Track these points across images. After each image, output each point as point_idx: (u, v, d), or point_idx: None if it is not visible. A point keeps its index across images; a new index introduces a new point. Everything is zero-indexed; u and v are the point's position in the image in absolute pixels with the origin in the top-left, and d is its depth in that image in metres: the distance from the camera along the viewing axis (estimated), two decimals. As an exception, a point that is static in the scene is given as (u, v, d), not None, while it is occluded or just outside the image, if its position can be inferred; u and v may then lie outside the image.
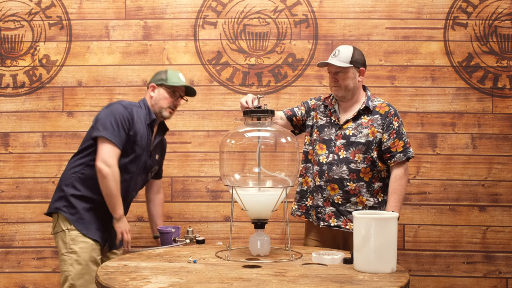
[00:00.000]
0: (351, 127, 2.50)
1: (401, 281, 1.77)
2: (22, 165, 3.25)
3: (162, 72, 2.63)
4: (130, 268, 1.95)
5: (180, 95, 2.63)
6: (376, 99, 2.57)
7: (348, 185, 2.46)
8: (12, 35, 3.26)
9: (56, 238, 2.48)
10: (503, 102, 3.23)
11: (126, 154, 2.45)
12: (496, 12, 3.22)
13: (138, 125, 2.48)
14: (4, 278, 3.24)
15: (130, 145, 2.45)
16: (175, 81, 2.59)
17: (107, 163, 2.35)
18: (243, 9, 3.27)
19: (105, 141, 2.37)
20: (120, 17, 3.27)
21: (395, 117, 2.49)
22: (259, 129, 2.24)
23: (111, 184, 2.35)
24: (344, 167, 2.46)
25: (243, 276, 1.82)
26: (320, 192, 2.51)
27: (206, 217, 3.26)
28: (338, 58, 2.48)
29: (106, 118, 2.40)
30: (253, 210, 2.16)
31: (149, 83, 2.65)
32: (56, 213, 2.48)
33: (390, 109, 2.51)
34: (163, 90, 2.58)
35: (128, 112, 2.44)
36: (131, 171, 2.50)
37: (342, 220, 2.46)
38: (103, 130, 2.38)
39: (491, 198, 3.22)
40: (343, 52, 2.49)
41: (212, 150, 3.25)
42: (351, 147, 2.47)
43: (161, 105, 2.58)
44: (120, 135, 2.38)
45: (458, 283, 3.21)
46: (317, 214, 2.53)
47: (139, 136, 2.47)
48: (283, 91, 3.27)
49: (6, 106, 3.26)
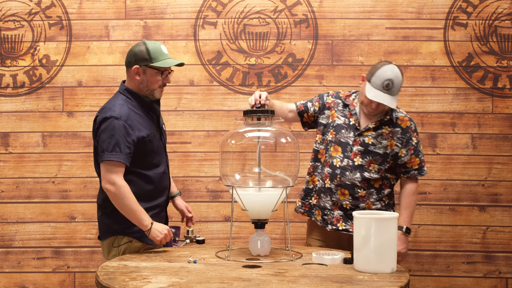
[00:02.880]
0: (371, 136, 2.44)
1: (401, 281, 1.77)
2: (22, 165, 3.25)
3: (142, 47, 2.32)
4: (130, 268, 1.94)
5: (169, 71, 2.40)
6: (399, 110, 2.51)
7: (358, 192, 2.43)
8: (12, 35, 3.26)
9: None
10: (503, 102, 3.23)
11: (148, 154, 2.36)
12: (496, 12, 3.22)
13: (138, 122, 2.35)
14: (4, 278, 3.24)
15: (145, 145, 2.34)
16: (161, 58, 2.33)
17: (110, 182, 2.24)
18: (243, 9, 3.27)
19: (106, 163, 2.26)
20: (120, 17, 3.27)
21: (415, 133, 2.47)
22: (259, 129, 2.24)
23: (121, 201, 2.24)
24: (358, 174, 2.42)
25: (243, 276, 1.82)
26: (329, 195, 2.47)
27: (206, 217, 3.26)
28: (392, 93, 2.35)
29: (104, 139, 2.27)
30: (253, 210, 2.16)
31: (129, 62, 2.34)
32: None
33: (411, 124, 2.47)
34: (150, 72, 2.32)
35: (123, 121, 2.28)
36: (160, 163, 2.42)
37: (350, 224, 2.43)
38: (102, 153, 2.27)
39: (491, 198, 3.22)
40: (396, 83, 2.35)
41: (212, 150, 3.25)
42: (368, 155, 2.42)
43: (152, 88, 2.36)
44: (123, 151, 2.26)
45: (458, 283, 3.21)
46: (323, 216, 2.51)
47: (145, 130, 2.34)
48: (283, 91, 3.27)
49: (6, 106, 3.26)
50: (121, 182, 2.24)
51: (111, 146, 2.24)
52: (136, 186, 2.31)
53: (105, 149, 2.25)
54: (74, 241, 3.25)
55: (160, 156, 2.44)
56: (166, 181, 2.47)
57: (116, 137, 2.25)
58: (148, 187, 2.36)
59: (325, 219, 2.49)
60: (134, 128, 2.30)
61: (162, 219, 2.48)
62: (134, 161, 2.32)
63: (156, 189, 2.40)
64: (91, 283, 3.22)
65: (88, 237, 3.23)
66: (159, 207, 2.43)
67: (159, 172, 2.41)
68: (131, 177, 2.30)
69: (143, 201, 2.32)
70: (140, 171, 2.34)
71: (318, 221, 2.53)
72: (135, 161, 2.32)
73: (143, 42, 2.34)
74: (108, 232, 2.38)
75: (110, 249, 2.38)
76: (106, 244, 2.39)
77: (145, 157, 2.36)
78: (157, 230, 2.27)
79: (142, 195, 2.32)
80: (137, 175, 2.33)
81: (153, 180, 2.37)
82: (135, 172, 2.32)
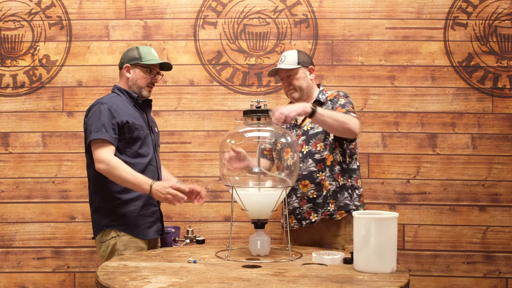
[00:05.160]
0: (308, 123, 2.51)
1: (401, 281, 1.77)
2: (22, 165, 3.25)
3: (134, 50, 2.54)
4: (130, 268, 1.95)
5: (157, 72, 2.57)
6: (330, 91, 2.59)
7: (318, 176, 2.46)
8: (12, 35, 3.26)
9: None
10: (503, 102, 3.23)
11: (133, 141, 2.42)
12: (496, 12, 3.22)
13: (124, 110, 2.43)
14: (4, 278, 3.24)
15: (129, 131, 2.41)
16: (149, 58, 2.52)
17: (100, 160, 2.31)
18: (243, 9, 3.27)
19: (94, 142, 2.35)
20: (120, 17, 3.27)
21: (344, 97, 2.51)
22: (259, 129, 2.24)
23: (116, 173, 2.29)
24: (310, 161, 2.46)
25: (243, 276, 1.82)
26: (294, 194, 2.50)
27: (206, 217, 3.26)
28: (285, 63, 2.52)
29: (91, 123, 2.37)
30: (253, 210, 2.16)
31: (121, 63, 2.55)
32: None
33: (339, 92, 2.55)
34: (139, 70, 2.51)
35: (108, 106, 2.39)
36: (146, 154, 2.47)
37: (322, 213, 2.45)
38: (89, 134, 2.36)
39: (491, 198, 3.22)
40: (289, 56, 2.54)
41: (212, 150, 3.25)
42: (311, 139, 2.48)
43: (139, 85, 2.52)
44: (108, 130, 2.34)
45: (458, 283, 3.21)
46: (296, 217, 2.51)
47: (132, 118, 2.42)
48: (283, 91, 3.26)
49: (6, 106, 3.26)
50: (112, 157, 2.32)
51: (98, 127, 2.35)
52: None
53: (92, 130, 2.35)
54: (74, 241, 3.25)
55: (148, 149, 2.50)
56: (152, 174, 2.48)
57: (102, 120, 2.36)
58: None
59: (298, 218, 2.50)
60: (120, 112, 2.41)
61: (155, 215, 2.51)
62: (120, 148, 2.39)
63: None
64: (91, 283, 3.22)
65: (88, 237, 3.23)
66: (143, 199, 2.44)
67: (144, 162, 2.45)
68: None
69: (126, 191, 2.39)
70: (125, 157, 2.40)
71: (295, 225, 2.51)
72: (121, 148, 2.39)
73: (136, 47, 2.56)
74: (98, 228, 2.44)
75: (100, 245, 2.41)
76: (97, 240, 2.45)
77: (131, 144, 2.43)
78: (157, 189, 2.26)
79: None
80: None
81: (138, 168, 2.40)
82: (119, 158, 2.37)
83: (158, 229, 2.51)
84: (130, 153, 2.42)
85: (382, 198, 3.23)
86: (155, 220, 2.49)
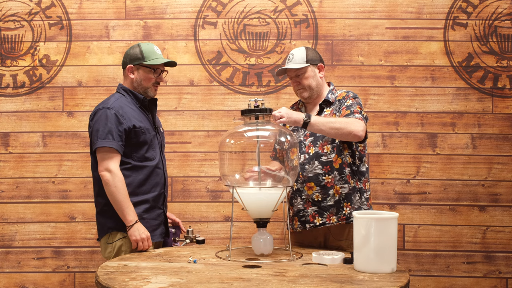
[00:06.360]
0: None
1: (401, 281, 1.77)
2: (22, 165, 3.25)
3: (136, 48, 2.48)
4: (130, 268, 1.95)
5: (162, 70, 2.52)
6: (340, 90, 2.53)
7: (324, 179, 2.41)
8: (12, 35, 3.26)
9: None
10: (503, 102, 3.23)
11: (140, 145, 2.41)
12: (496, 12, 3.22)
13: (130, 114, 2.41)
14: (4, 278, 3.24)
15: (136, 135, 2.39)
16: (152, 57, 2.47)
17: (106, 169, 2.31)
18: (243, 9, 3.27)
19: (101, 150, 2.33)
20: (120, 17, 3.27)
21: (352, 98, 2.45)
22: (258, 128, 2.24)
23: (112, 190, 2.29)
24: (316, 163, 2.41)
25: (243, 276, 1.82)
26: (299, 196, 2.46)
27: (206, 217, 3.26)
28: (293, 62, 2.47)
29: (98, 128, 2.35)
30: (254, 209, 2.16)
31: (124, 63, 2.51)
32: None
33: (348, 93, 2.49)
34: (142, 71, 2.46)
35: (115, 110, 2.37)
36: (153, 157, 2.46)
37: (326, 217, 2.42)
38: (96, 141, 2.34)
39: (491, 198, 3.22)
40: (297, 54, 2.48)
41: (212, 150, 3.25)
42: (318, 141, 2.43)
43: (144, 86, 2.48)
44: (115, 138, 2.33)
45: (458, 283, 3.21)
46: (300, 219, 2.47)
47: (138, 122, 2.41)
48: (283, 91, 3.27)
49: (6, 106, 3.26)
50: (117, 171, 2.31)
51: (104, 134, 2.32)
52: (126, 177, 2.36)
53: (99, 137, 2.33)
54: (74, 241, 3.25)
55: (155, 152, 2.48)
56: (159, 177, 2.48)
57: (108, 126, 2.34)
58: (138, 178, 2.40)
59: (302, 221, 2.46)
60: (126, 117, 2.38)
61: (159, 217, 2.49)
62: (126, 152, 2.38)
63: (147, 182, 2.43)
64: (91, 283, 3.22)
65: (88, 237, 3.23)
66: (148, 202, 2.43)
67: (151, 165, 2.44)
68: (122, 168, 2.35)
69: (133, 195, 2.37)
70: (132, 162, 2.39)
71: (298, 228, 2.49)
72: (127, 152, 2.38)
73: (138, 45, 2.50)
74: (103, 230, 2.43)
75: (106, 247, 2.40)
76: (102, 242, 2.44)
77: (137, 148, 2.42)
78: (137, 230, 2.31)
79: (133, 187, 2.37)
80: (129, 167, 2.38)
81: (144, 172, 2.40)
82: (126, 162, 2.37)
83: (162, 231, 2.50)
84: (137, 158, 2.40)
85: (382, 198, 3.24)
86: (160, 223, 2.48)
